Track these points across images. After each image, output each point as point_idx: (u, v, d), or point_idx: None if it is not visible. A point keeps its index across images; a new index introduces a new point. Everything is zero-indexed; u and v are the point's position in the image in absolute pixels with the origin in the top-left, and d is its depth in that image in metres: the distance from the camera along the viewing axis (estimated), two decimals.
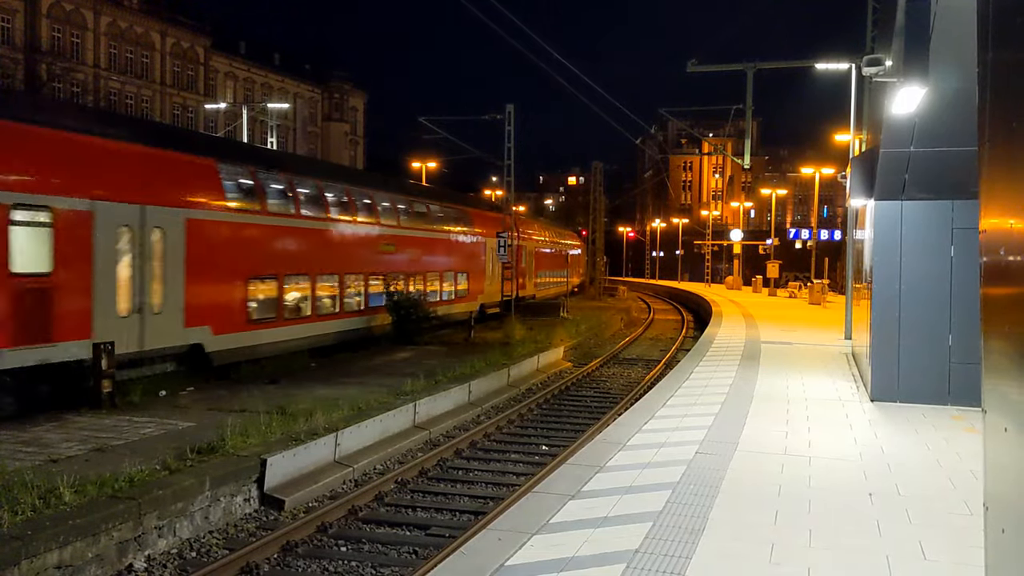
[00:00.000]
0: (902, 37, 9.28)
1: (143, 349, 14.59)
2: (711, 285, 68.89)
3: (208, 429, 11.08)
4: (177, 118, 72.80)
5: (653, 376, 20.97)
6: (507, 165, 31.55)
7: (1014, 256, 2.48)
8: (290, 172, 20.36)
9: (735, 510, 7.25)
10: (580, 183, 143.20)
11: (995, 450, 2.66)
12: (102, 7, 66.26)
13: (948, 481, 8.42)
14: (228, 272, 17.03)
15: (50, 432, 10.99)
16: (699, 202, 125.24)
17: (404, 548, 8.92)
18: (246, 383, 15.43)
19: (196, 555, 8.64)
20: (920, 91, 9.08)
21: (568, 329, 29.09)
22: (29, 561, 7.07)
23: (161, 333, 14.93)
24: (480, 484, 11.58)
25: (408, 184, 33.19)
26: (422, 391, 14.92)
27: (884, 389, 12.92)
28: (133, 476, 8.75)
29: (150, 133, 17.39)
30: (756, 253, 74.54)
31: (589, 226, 59.73)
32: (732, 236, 66.17)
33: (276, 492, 10.09)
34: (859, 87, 24.75)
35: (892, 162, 12.16)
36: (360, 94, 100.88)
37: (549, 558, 6.02)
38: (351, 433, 11.84)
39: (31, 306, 12.51)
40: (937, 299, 12.50)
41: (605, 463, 8.84)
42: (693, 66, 32.61)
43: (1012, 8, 2.47)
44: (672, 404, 12.59)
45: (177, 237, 15.34)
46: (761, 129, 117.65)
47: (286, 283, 18.94)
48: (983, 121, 2.79)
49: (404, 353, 20.98)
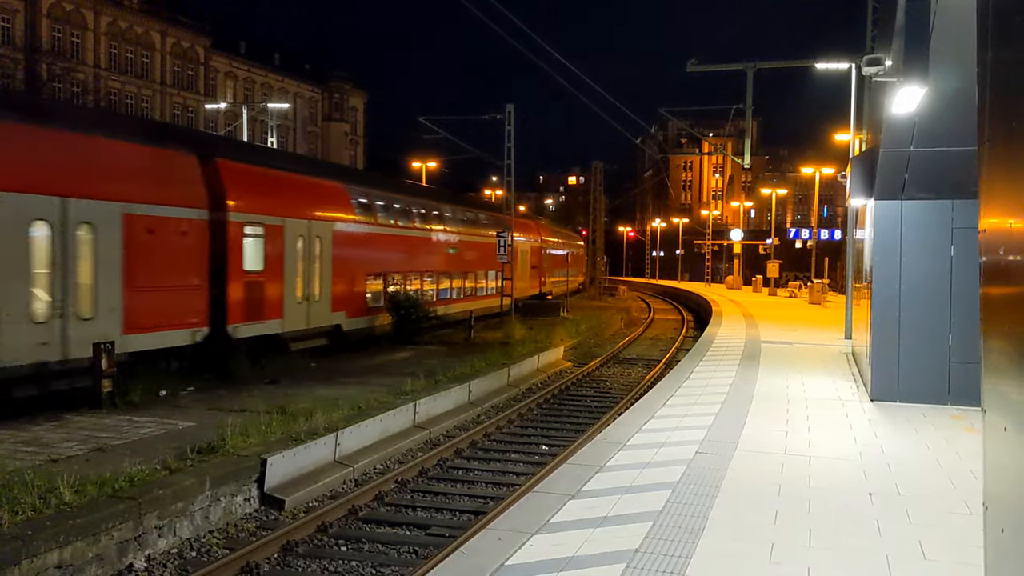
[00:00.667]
0: (902, 37, 9.27)
1: (309, 327, 19.90)
2: (711, 285, 68.87)
3: (208, 429, 11.09)
4: (177, 118, 72.82)
5: (653, 376, 20.97)
6: (507, 165, 31.55)
7: (1014, 256, 2.48)
8: (389, 190, 26.70)
9: (735, 510, 7.25)
10: (580, 183, 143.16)
11: (995, 450, 2.66)
12: (102, 7, 66.26)
13: (948, 481, 8.42)
14: (355, 271, 22.53)
15: (50, 432, 10.99)
16: (699, 202, 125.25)
17: (404, 548, 8.92)
18: (246, 383, 15.43)
19: (196, 555, 8.64)
20: (920, 91, 9.07)
21: (568, 329, 29.09)
22: (30, 561, 7.07)
23: (319, 316, 20.34)
24: (480, 484, 11.58)
25: (461, 196, 40.95)
26: (422, 391, 14.92)
27: (884, 389, 12.92)
28: (133, 476, 8.75)
29: (307, 166, 25.55)
30: (756, 253, 74.52)
31: (589, 226, 59.77)
32: (732, 236, 66.18)
33: (276, 492, 10.09)
34: (859, 87, 24.75)
35: (892, 162, 12.16)
36: (360, 94, 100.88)
37: (549, 558, 6.02)
38: (351, 433, 11.84)
39: (251, 294, 17.73)
40: (937, 299, 12.49)
41: (605, 463, 8.84)
42: (693, 66, 32.63)
43: (1012, 7, 2.47)
44: (672, 404, 12.59)
45: (328, 243, 20.73)
46: (761, 129, 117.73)
47: (389, 281, 24.46)
48: (983, 121, 2.79)
49: (404, 353, 21.00)
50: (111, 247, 14.08)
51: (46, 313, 12.86)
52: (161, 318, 15.20)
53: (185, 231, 15.92)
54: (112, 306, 14.08)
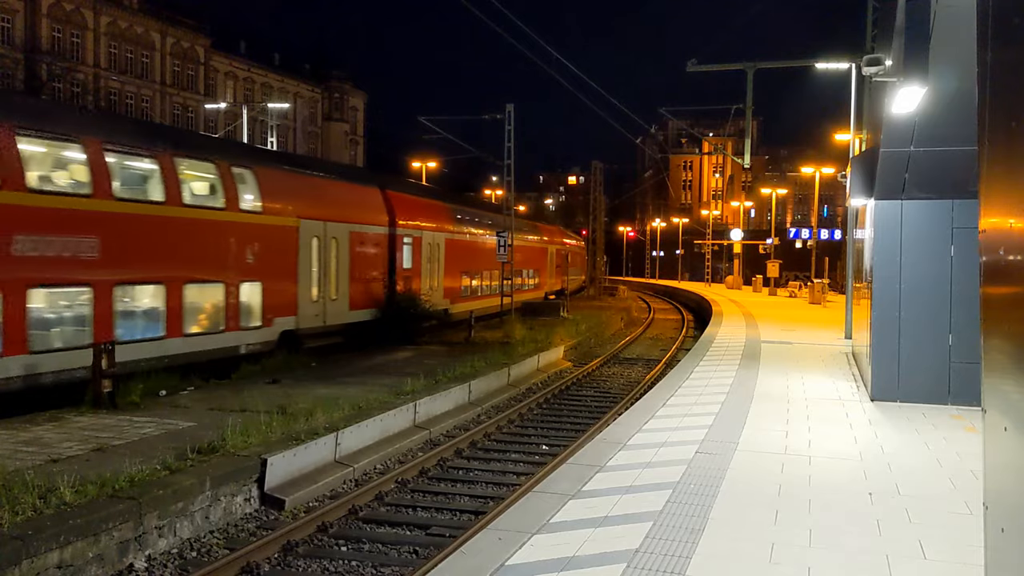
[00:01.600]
0: (902, 37, 9.27)
1: (435, 308, 26.41)
2: (711, 285, 68.88)
3: (208, 429, 11.08)
4: (177, 118, 72.84)
5: (653, 376, 20.97)
6: (507, 165, 31.55)
7: (1014, 255, 2.48)
8: (467, 204, 35.30)
9: (735, 509, 7.25)
10: (580, 183, 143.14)
11: (995, 449, 2.66)
12: (102, 7, 66.26)
13: (948, 480, 8.42)
14: (452, 268, 29.91)
15: (50, 432, 10.98)
16: (699, 202, 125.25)
17: (404, 548, 8.92)
18: (246, 382, 15.43)
19: (196, 555, 8.64)
20: (920, 91, 9.07)
21: (568, 329, 29.08)
22: (30, 561, 7.07)
23: (438, 302, 27.25)
24: (480, 484, 11.58)
25: (482, 201, 52.28)
26: (422, 391, 14.92)
27: (884, 388, 12.92)
28: (133, 476, 8.75)
29: (435, 194, 33.37)
30: (756, 253, 74.53)
31: (589, 226, 59.84)
32: (732, 236, 66.15)
33: (276, 492, 10.09)
34: (859, 87, 24.74)
35: (892, 162, 12.17)
36: (360, 94, 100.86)
37: (549, 558, 6.02)
38: (351, 433, 11.84)
39: (404, 285, 25.38)
40: (937, 298, 12.50)
41: (605, 463, 8.84)
42: (693, 66, 32.62)
43: (1012, 8, 2.47)
44: (672, 404, 12.59)
45: (442, 247, 28.95)
46: (761, 128, 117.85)
47: (471, 275, 31.82)
48: (983, 121, 2.79)
49: (404, 353, 20.99)
50: (344, 253, 21.92)
51: (317, 295, 20.77)
52: (365, 301, 23.15)
53: (378, 242, 24.16)
54: (344, 291, 21.97)
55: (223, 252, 17.56)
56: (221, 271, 17.33)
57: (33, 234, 12.97)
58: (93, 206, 14.22)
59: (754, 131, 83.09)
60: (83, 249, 13.86)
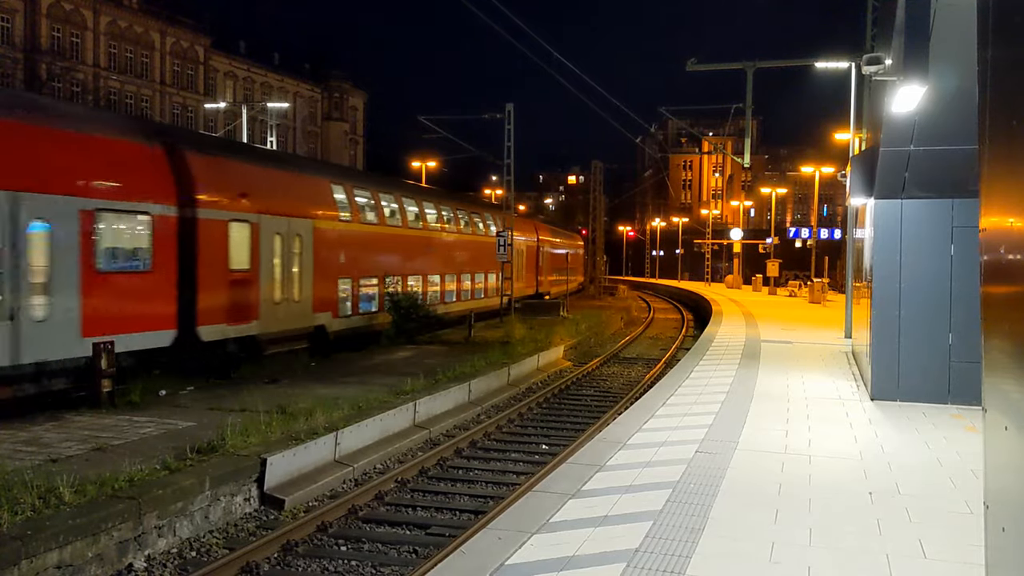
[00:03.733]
0: (902, 36, 9.26)
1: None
2: (711, 284, 68.87)
3: (208, 428, 11.08)
4: (177, 117, 72.81)
5: (653, 375, 20.97)
6: (507, 164, 31.55)
7: (1014, 255, 2.48)
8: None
9: (735, 509, 7.24)
10: (580, 182, 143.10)
11: (995, 449, 2.66)
12: (102, 7, 66.23)
13: (948, 480, 8.41)
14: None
15: (50, 432, 10.98)
16: (699, 201, 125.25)
17: (404, 547, 8.91)
18: (246, 382, 15.43)
19: (196, 555, 8.64)
20: (920, 90, 9.06)
21: (568, 328, 29.08)
22: (29, 561, 7.07)
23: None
24: (480, 483, 11.57)
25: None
26: (422, 390, 14.91)
27: (884, 388, 12.91)
28: (133, 476, 8.75)
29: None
30: (756, 252, 74.57)
31: (589, 225, 59.85)
32: (732, 235, 66.18)
33: (276, 491, 10.08)
34: (859, 86, 24.73)
35: (892, 161, 12.15)
36: (360, 94, 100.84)
37: (549, 557, 6.02)
38: (351, 432, 11.84)
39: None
40: (937, 298, 12.49)
41: (605, 462, 8.84)
42: (693, 65, 32.56)
43: (1012, 7, 2.46)
44: (672, 403, 12.59)
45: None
46: (761, 128, 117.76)
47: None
48: (983, 119, 2.79)
49: (404, 352, 20.98)
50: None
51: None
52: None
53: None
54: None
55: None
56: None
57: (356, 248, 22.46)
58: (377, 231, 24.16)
59: (754, 130, 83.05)
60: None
